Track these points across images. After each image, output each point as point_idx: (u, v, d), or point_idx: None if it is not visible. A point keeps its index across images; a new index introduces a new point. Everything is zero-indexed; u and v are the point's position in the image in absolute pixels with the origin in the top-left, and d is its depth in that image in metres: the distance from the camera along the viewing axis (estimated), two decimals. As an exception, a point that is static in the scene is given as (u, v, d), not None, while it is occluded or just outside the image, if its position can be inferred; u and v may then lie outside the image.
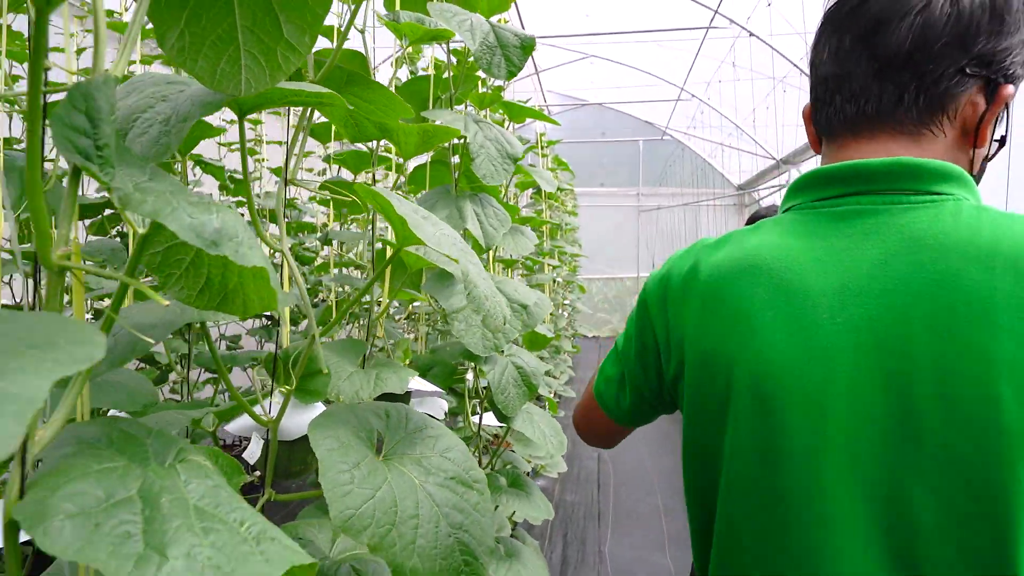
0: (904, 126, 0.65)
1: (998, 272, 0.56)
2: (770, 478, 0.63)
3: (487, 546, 0.91)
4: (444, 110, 1.80)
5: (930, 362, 0.56)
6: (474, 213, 1.78)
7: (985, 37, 0.62)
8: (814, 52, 0.71)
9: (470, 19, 1.73)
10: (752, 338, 0.64)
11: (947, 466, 0.56)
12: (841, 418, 0.59)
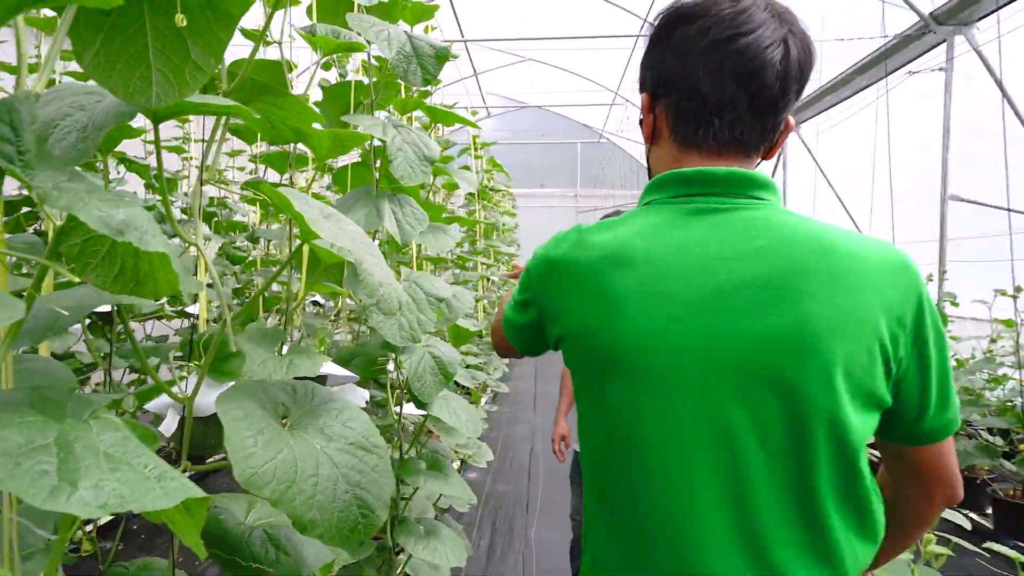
0: (751, 149, 0.81)
1: (809, 254, 0.72)
2: (638, 431, 0.76)
3: (384, 501, 1.03)
4: (364, 115, 1.89)
5: (761, 321, 0.70)
6: (391, 212, 1.89)
7: (804, 85, 0.79)
8: (684, 67, 0.79)
9: (387, 30, 1.84)
10: (621, 316, 0.75)
11: (765, 403, 0.70)
12: (692, 370, 0.72)
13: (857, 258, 0.72)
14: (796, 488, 0.71)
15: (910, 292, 0.73)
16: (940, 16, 4.45)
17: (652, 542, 0.75)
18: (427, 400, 1.89)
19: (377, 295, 1.02)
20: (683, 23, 0.79)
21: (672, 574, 0.74)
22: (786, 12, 0.79)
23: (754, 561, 0.71)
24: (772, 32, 0.76)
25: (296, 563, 1.13)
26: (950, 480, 0.81)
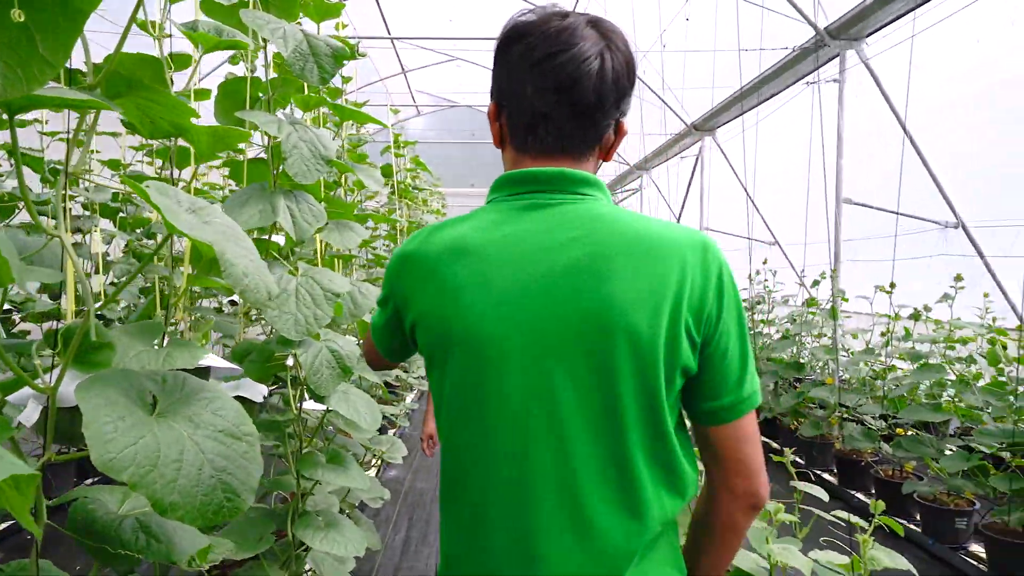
0: (578, 152, 0.89)
1: (619, 241, 0.80)
2: (478, 406, 0.83)
3: (250, 487, 1.06)
4: (260, 112, 1.90)
5: (576, 302, 0.79)
6: (287, 208, 1.90)
7: (626, 95, 0.88)
8: (509, 80, 0.89)
9: (283, 28, 1.85)
10: (458, 303, 0.83)
11: (583, 375, 0.78)
12: (519, 348, 0.80)
13: (661, 243, 0.80)
14: (611, 448, 0.79)
15: (710, 272, 0.81)
16: (834, 31, 4.78)
17: (491, 504, 0.83)
18: (324, 394, 1.91)
19: (241, 285, 1.06)
20: (515, 41, 0.87)
21: (504, 519, 0.82)
22: (609, 29, 0.88)
23: (572, 512, 0.79)
24: (591, 47, 0.83)
25: (168, 549, 1.15)
26: (749, 471, 0.85)
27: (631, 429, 0.79)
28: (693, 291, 0.80)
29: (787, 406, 4.45)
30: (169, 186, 1.12)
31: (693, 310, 0.80)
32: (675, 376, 0.81)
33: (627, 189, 12.11)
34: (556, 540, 0.79)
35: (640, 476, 0.80)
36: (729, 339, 0.83)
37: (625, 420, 0.79)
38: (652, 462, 0.81)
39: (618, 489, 0.80)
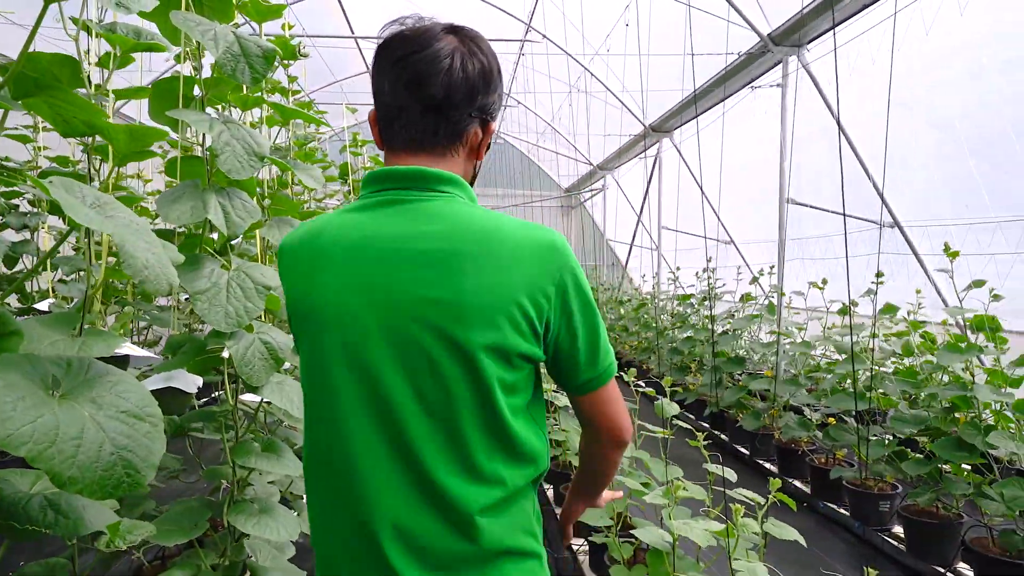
0: (436, 149, 0.96)
1: (466, 237, 0.88)
2: (319, 370, 0.93)
3: (151, 464, 1.13)
4: (192, 111, 1.95)
5: (420, 290, 0.87)
6: (219, 205, 1.95)
7: (482, 94, 0.95)
8: (377, 81, 0.97)
9: (213, 29, 1.90)
10: (314, 286, 0.93)
11: (421, 356, 0.86)
12: (364, 328, 0.88)
13: (510, 241, 0.88)
14: (445, 423, 0.88)
15: (554, 269, 0.90)
16: (776, 37, 4.95)
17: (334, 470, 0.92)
18: (257, 384, 1.97)
19: (141, 275, 1.13)
20: (383, 47, 0.95)
21: (344, 475, 0.91)
22: (469, 35, 0.96)
23: (416, 477, 0.88)
24: (444, 48, 0.92)
25: (76, 524, 1.22)
26: (612, 424, 1.02)
27: (462, 407, 0.87)
28: (536, 286, 0.88)
29: (730, 400, 4.61)
30: (75, 182, 1.18)
31: (535, 303, 0.88)
32: (515, 361, 0.89)
33: (591, 189, 12.27)
34: (403, 502, 0.88)
35: (473, 447, 0.88)
36: (577, 327, 0.94)
37: (456, 399, 0.87)
38: (487, 436, 0.89)
39: (454, 458, 0.88)
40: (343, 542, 0.94)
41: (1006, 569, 2.60)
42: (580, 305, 0.94)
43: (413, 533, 0.88)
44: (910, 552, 3.09)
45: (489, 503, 0.89)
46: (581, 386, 0.99)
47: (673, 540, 1.69)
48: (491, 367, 0.87)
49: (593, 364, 0.97)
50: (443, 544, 0.88)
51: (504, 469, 0.91)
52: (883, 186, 5.00)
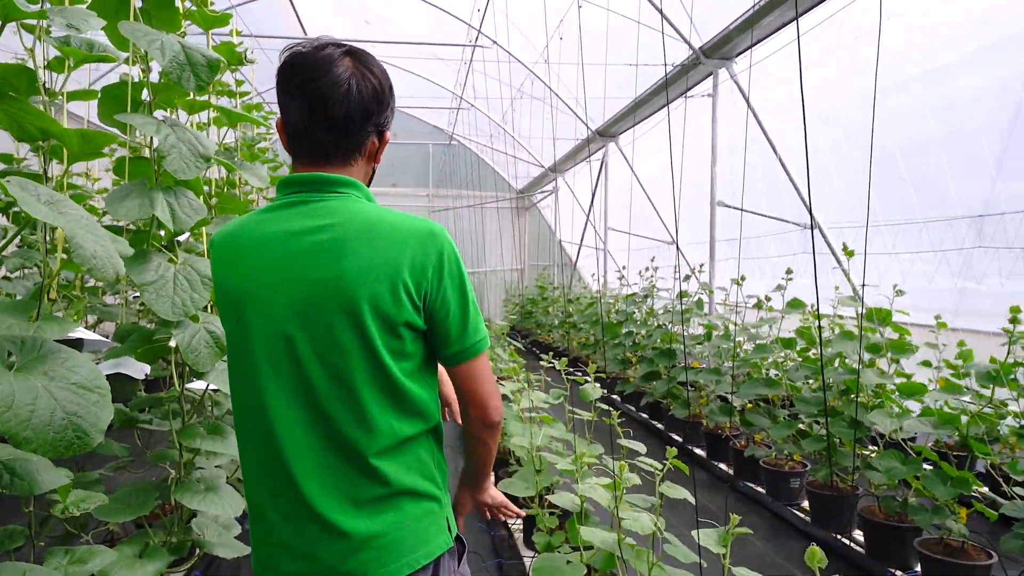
0: (338, 159, 1.13)
1: (356, 228, 1.05)
2: (242, 342, 1.10)
3: (99, 428, 1.29)
4: (139, 115, 2.09)
5: (314, 273, 1.04)
6: (166, 203, 2.09)
7: (376, 113, 1.12)
8: (282, 99, 1.12)
9: (160, 39, 2.05)
10: (232, 274, 1.11)
11: (317, 328, 1.03)
12: (270, 308, 1.06)
13: (391, 228, 1.06)
14: (342, 382, 1.05)
15: (431, 251, 1.06)
16: (707, 50, 5.27)
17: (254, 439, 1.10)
18: (203, 370, 2.11)
19: (89, 264, 1.29)
20: (287, 68, 1.12)
21: (266, 430, 1.08)
22: (364, 60, 1.13)
23: (324, 427, 1.07)
24: (343, 73, 1.07)
25: (30, 485, 1.37)
26: (478, 400, 1.15)
27: (356, 369, 1.05)
28: (414, 266, 1.05)
29: (662, 390, 4.89)
30: (31, 182, 1.34)
31: (413, 280, 1.05)
32: (400, 330, 1.06)
33: (543, 191, 12.54)
34: (316, 449, 1.06)
35: (366, 402, 1.05)
36: (449, 303, 1.09)
37: (351, 363, 1.05)
38: (378, 393, 1.06)
39: (352, 411, 1.06)
40: (270, 489, 1.11)
41: (889, 531, 2.91)
42: (452, 283, 1.09)
43: (326, 474, 1.06)
44: (814, 523, 3.39)
45: (381, 448, 1.06)
46: (450, 357, 1.12)
47: (581, 501, 1.91)
48: (378, 335, 1.04)
49: (461, 338, 1.11)
50: (349, 482, 1.06)
51: (396, 422, 1.08)
52: (809, 191, 5.38)
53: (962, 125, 3.90)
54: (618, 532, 1.56)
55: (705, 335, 4.74)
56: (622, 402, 6.46)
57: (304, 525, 1.07)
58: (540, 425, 2.76)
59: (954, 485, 2.53)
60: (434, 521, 1.13)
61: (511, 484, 2.37)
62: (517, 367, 3.04)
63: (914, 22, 4.20)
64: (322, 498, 1.06)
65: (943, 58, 3.93)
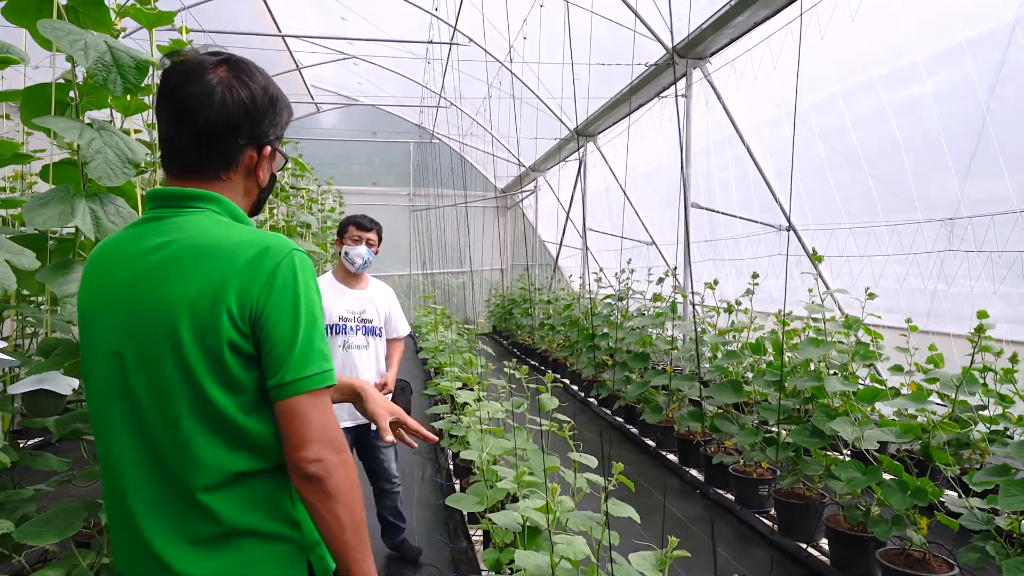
0: (207, 174, 1.05)
1: (189, 246, 0.98)
2: (85, 367, 1.05)
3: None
4: (61, 118, 1.98)
5: (154, 292, 0.97)
6: (90, 210, 2.00)
7: (250, 123, 1.05)
8: (158, 112, 1.06)
9: (83, 39, 1.95)
10: (84, 291, 1.06)
11: (147, 350, 0.96)
12: (110, 327, 1.00)
13: (221, 247, 0.97)
14: (166, 410, 0.96)
15: (263, 270, 0.96)
16: (681, 50, 5.21)
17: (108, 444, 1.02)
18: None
19: None
20: (162, 79, 1.06)
21: (106, 461, 1.02)
22: (241, 69, 1.05)
23: (154, 459, 0.98)
24: (210, 81, 1.01)
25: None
26: (294, 440, 0.96)
27: (178, 399, 0.96)
28: (241, 287, 0.95)
29: (634, 394, 4.83)
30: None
31: (237, 301, 0.95)
32: (225, 359, 0.95)
33: (524, 190, 12.47)
34: (148, 482, 0.98)
35: (189, 434, 0.96)
36: (276, 329, 0.96)
37: (173, 393, 0.96)
38: (202, 425, 0.96)
39: (176, 443, 0.96)
40: (114, 520, 1.03)
41: (852, 541, 2.87)
42: (282, 306, 0.97)
43: (160, 509, 0.98)
44: (781, 531, 3.35)
45: (210, 483, 0.96)
46: (272, 389, 0.97)
47: (524, 521, 1.84)
48: (200, 364, 0.95)
49: (286, 369, 0.96)
50: (183, 518, 0.97)
51: (225, 456, 0.97)
52: (790, 194, 5.33)
53: (930, 126, 3.87)
54: (551, 556, 1.49)
55: (671, 340, 4.69)
56: (598, 406, 6.40)
57: (141, 561, 0.99)
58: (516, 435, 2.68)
59: (912, 495, 2.48)
60: (287, 565, 1.01)
61: (460, 499, 2.29)
62: (472, 377, 2.96)
63: (880, 23, 4.16)
64: (157, 534, 0.97)
65: (909, 58, 3.89)
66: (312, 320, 0.99)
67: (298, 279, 0.99)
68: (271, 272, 0.97)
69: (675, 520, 3.74)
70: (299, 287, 0.99)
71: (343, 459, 0.98)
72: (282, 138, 1.14)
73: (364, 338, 2.87)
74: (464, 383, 3.19)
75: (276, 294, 0.97)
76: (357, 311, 2.87)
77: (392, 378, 2.88)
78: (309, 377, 0.97)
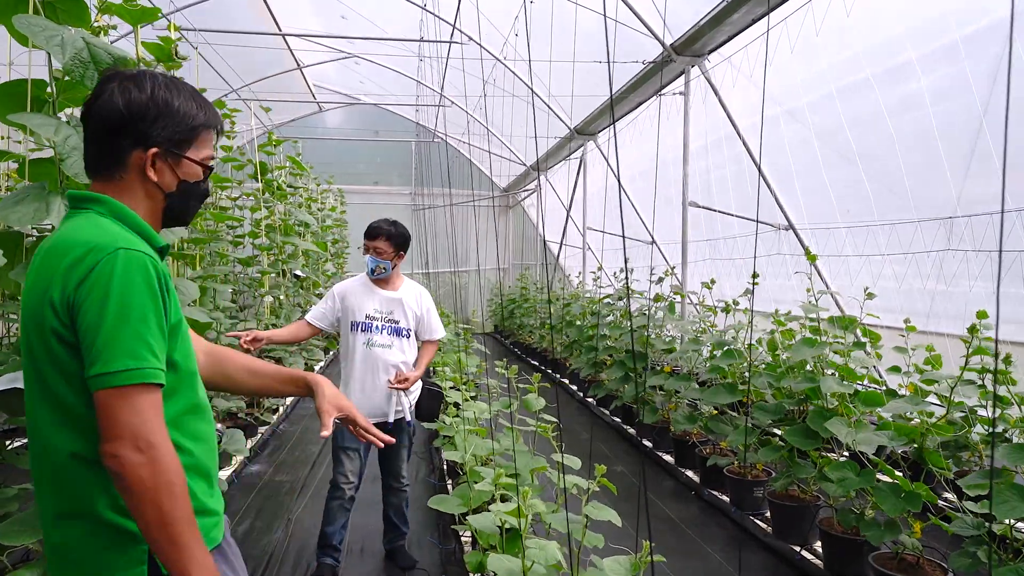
0: (105, 175, 1.15)
1: (48, 246, 1.09)
2: None
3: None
4: (36, 114, 1.97)
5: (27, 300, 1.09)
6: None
7: (134, 124, 1.12)
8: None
9: (60, 35, 1.93)
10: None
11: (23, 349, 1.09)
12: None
13: (58, 247, 1.07)
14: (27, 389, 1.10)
15: (81, 268, 1.02)
16: (678, 47, 5.17)
17: None
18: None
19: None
20: None
21: None
22: (139, 76, 1.15)
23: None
24: (100, 92, 1.12)
25: None
26: (101, 433, 0.99)
27: (29, 380, 1.09)
28: (64, 281, 1.02)
29: (631, 395, 4.79)
30: None
31: (60, 295, 1.03)
32: (52, 343, 1.03)
33: (526, 189, 12.43)
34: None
35: (35, 413, 1.08)
36: (84, 323, 1.01)
37: (29, 375, 1.09)
38: (44, 405, 1.06)
39: (32, 422, 1.09)
40: None
41: (846, 545, 2.83)
42: (94, 301, 1.01)
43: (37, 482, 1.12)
44: (775, 534, 3.31)
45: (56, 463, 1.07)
46: (89, 380, 1.00)
47: (501, 524, 1.81)
48: (37, 345, 1.05)
49: (93, 363, 0.99)
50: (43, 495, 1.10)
51: (60, 434, 1.06)
52: (778, 191, 5.29)
53: (928, 124, 3.81)
54: (523, 562, 1.46)
55: (671, 342, 4.65)
56: (596, 405, 6.36)
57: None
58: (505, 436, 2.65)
59: (906, 499, 2.43)
60: (117, 552, 1.07)
61: (443, 501, 2.27)
62: (458, 377, 2.93)
63: (876, 19, 4.11)
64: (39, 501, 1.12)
65: (905, 56, 3.83)
66: (125, 317, 1.01)
67: (114, 277, 1.02)
68: (89, 268, 1.02)
69: (669, 522, 3.70)
70: (113, 285, 1.01)
71: (148, 457, 0.98)
72: (188, 144, 1.18)
73: (389, 338, 2.93)
74: (454, 384, 3.16)
75: (88, 290, 1.01)
76: (385, 311, 2.95)
77: (414, 376, 2.88)
78: (113, 373, 0.98)
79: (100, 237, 1.04)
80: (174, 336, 1.11)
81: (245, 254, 5.58)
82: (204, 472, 1.16)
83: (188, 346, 1.17)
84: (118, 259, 1.02)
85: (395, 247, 2.95)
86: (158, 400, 1.02)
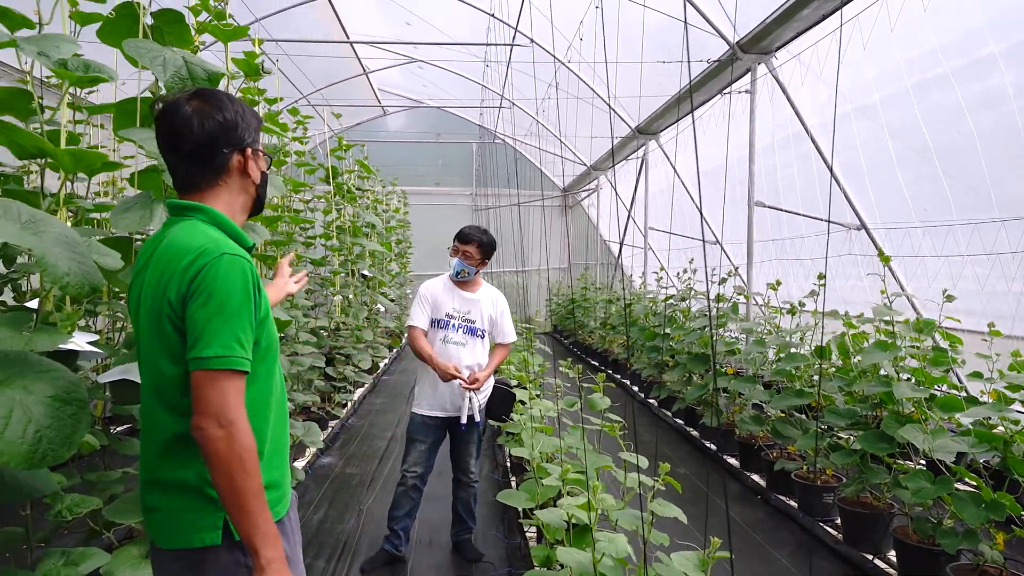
0: (202, 185, 1.32)
1: (160, 249, 1.26)
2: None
3: (72, 441, 1.33)
4: (145, 128, 2.15)
5: (145, 286, 1.25)
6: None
7: (227, 135, 1.29)
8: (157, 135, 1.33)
9: (163, 55, 2.11)
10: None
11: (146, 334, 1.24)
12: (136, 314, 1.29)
13: (172, 248, 1.23)
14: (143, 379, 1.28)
15: (191, 269, 1.19)
16: (744, 45, 5.09)
17: None
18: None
19: (62, 282, 1.33)
20: (155, 122, 1.32)
21: None
22: (207, 98, 1.30)
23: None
24: (184, 115, 1.26)
25: (15, 492, 1.43)
26: (198, 407, 1.15)
27: (145, 372, 1.26)
28: (181, 283, 1.19)
29: (693, 397, 4.76)
30: (14, 203, 1.39)
31: (175, 294, 1.20)
32: (167, 329, 1.20)
33: (586, 189, 12.41)
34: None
35: (148, 399, 1.26)
36: (191, 315, 1.18)
37: (144, 366, 1.26)
38: (155, 390, 1.24)
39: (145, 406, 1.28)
40: None
41: (922, 555, 2.75)
42: (200, 298, 1.18)
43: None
44: (846, 541, 3.24)
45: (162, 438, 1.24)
46: (187, 361, 1.18)
47: (569, 518, 1.87)
48: (153, 339, 1.22)
49: (195, 347, 1.17)
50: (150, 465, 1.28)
51: (164, 416, 1.23)
52: (849, 190, 5.13)
53: (1013, 120, 3.63)
54: (593, 554, 1.52)
55: (734, 343, 4.59)
56: (658, 407, 6.33)
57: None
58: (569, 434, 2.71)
59: (988, 508, 2.36)
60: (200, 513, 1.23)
61: (511, 495, 2.34)
62: (524, 375, 3.00)
63: (954, 12, 3.94)
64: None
65: (987, 49, 3.66)
66: (224, 312, 1.18)
67: (218, 279, 1.19)
68: (199, 269, 1.19)
69: (734, 525, 3.67)
70: (217, 285, 1.18)
71: (226, 432, 1.13)
72: (258, 139, 1.37)
73: (464, 336, 3.09)
74: (519, 382, 3.24)
75: (196, 287, 1.18)
76: (462, 311, 3.11)
77: (483, 376, 2.99)
78: (207, 358, 1.15)
79: (208, 243, 1.21)
80: (263, 326, 1.28)
81: (316, 255, 5.83)
82: (277, 447, 1.34)
83: (274, 334, 1.35)
84: (222, 263, 1.20)
85: (483, 254, 3.10)
86: (241, 385, 1.18)
